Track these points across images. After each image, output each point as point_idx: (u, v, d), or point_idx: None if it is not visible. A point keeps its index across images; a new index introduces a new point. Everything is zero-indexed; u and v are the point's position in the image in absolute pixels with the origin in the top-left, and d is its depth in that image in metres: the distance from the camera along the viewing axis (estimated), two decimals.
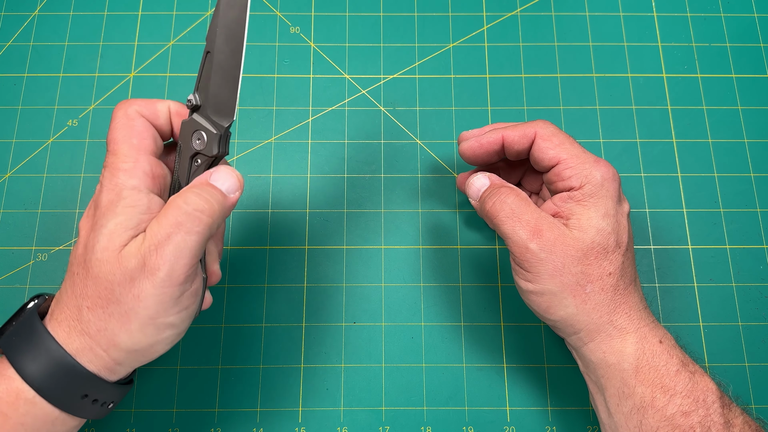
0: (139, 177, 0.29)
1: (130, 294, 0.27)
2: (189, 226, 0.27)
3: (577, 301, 0.32)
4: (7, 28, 0.49)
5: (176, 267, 0.27)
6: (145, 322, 0.27)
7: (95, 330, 0.28)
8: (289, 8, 0.50)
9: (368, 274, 0.44)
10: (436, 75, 0.49)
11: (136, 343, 0.28)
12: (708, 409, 0.30)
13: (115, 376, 0.29)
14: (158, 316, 0.27)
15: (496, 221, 0.34)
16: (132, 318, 0.27)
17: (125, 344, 0.28)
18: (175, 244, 0.27)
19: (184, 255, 0.27)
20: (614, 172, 0.34)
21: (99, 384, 0.28)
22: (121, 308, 0.27)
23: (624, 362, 0.32)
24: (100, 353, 0.28)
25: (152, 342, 0.28)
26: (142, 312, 0.27)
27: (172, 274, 0.27)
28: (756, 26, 0.50)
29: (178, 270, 0.27)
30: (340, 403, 0.41)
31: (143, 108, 0.31)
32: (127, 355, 0.28)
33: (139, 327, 0.27)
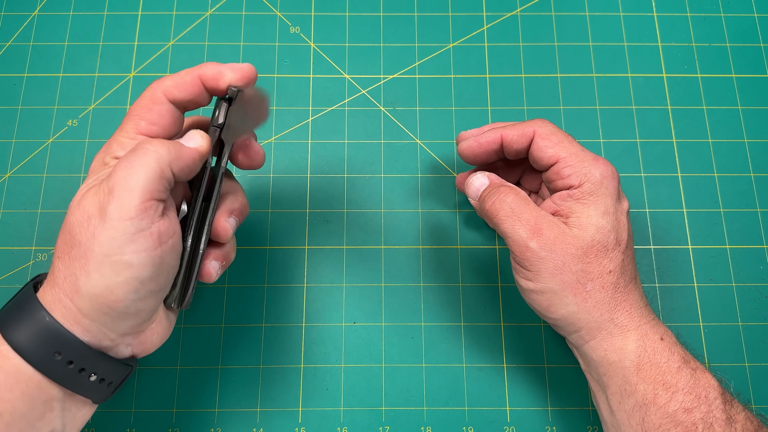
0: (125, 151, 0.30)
1: (87, 233, 0.27)
2: (137, 162, 0.28)
3: (577, 300, 0.32)
4: (7, 28, 0.49)
5: (124, 201, 0.27)
6: (100, 260, 0.27)
7: (62, 277, 0.28)
8: (289, 8, 0.51)
9: (368, 274, 0.44)
10: (436, 75, 0.49)
11: (94, 285, 0.27)
12: (710, 406, 0.30)
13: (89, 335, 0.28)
14: (112, 253, 0.27)
15: (495, 220, 0.34)
16: (89, 257, 0.27)
17: (85, 287, 0.27)
18: (124, 180, 0.27)
19: (132, 188, 0.27)
20: (613, 170, 0.34)
21: (72, 341, 0.28)
22: (80, 249, 0.27)
23: (625, 360, 0.32)
24: (67, 303, 0.28)
25: (109, 284, 0.27)
26: (97, 249, 0.27)
27: (121, 208, 0.27)
28: (756, 26, 0.50)
29: (127, 204, 0.27)
30: (340, 403, 0.41)
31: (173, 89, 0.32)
32: (89, 302, 0.27)
33: (95, 266, 0.27)
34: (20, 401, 0.27)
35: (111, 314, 0.28)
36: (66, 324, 0.28)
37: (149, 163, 0.28)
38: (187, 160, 0.30)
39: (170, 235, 0.29)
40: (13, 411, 0.27)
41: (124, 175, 0.27)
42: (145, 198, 0.27)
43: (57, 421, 0.29)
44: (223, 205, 0.34)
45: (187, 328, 0.43)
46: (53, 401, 0.28)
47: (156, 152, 0.28)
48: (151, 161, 0.28)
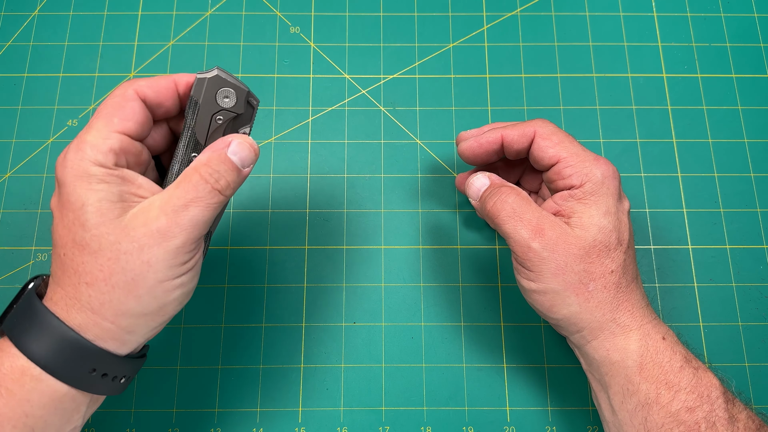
0: (105, 153, 0.28)
1: (138, 261, 0.27)
2: (207, 201, 0.29)
3: (579, 300, 0.32)
4: (7, 28, 0.49)
5: (191, 236, 0.28)
6: (154, 285, 0.28)
7: (98, 304, 0.28)
8: (289, 8, 0.51)
9: (368, 274, 0.44)
10: (436, 75, 0.49)
11: (146, 306, 0.28)
12: (712, 405, 0.30)
13: (126, 347, 0.29)
14: (167, 278, 0.28)
15: (497, 221, 0.34)
16: (140, 284, 0.27)
17: (134, 310, 0.28)
18: (193, 215, 0.28)
19: (199, 226, 0.28)
20: (614, 169, 0.34)
21: (106, 357, 0.28)
22: (127, 276, 0.27)
23: (628, 359, 0.32)
24: (107, 326, 0.28)
25: (162, 303, 0.28)
26: (152, 276, 0.27)
27: (186, 242, 0.28)
28: (756, 26, 0.50)
29: (192, 238, 0.28)
30: (340, 403, 0.41)
31: (146, 88, 0.31)
32: (137, 320, 0.28)
33: (147, 291, 0.28)
34: (53, 416, 0.28)
35: (156, 327, 0.29)
36: (101, 343, 0.28)
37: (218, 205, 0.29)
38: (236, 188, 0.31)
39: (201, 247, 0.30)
40: (45, 425, 0.28)
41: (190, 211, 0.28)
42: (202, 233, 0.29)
43: (80, 420, 0.30)
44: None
45: (187, 328, 0.43)
46: (82, 405, 0.29)
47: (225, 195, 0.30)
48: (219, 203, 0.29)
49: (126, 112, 0.30)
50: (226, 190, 0.30)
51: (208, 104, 0.31)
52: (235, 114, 0.32)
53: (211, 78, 0.31)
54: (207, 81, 0.31)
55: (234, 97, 0.31)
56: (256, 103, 0.32)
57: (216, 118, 0.32)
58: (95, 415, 0.41)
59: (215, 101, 0.31)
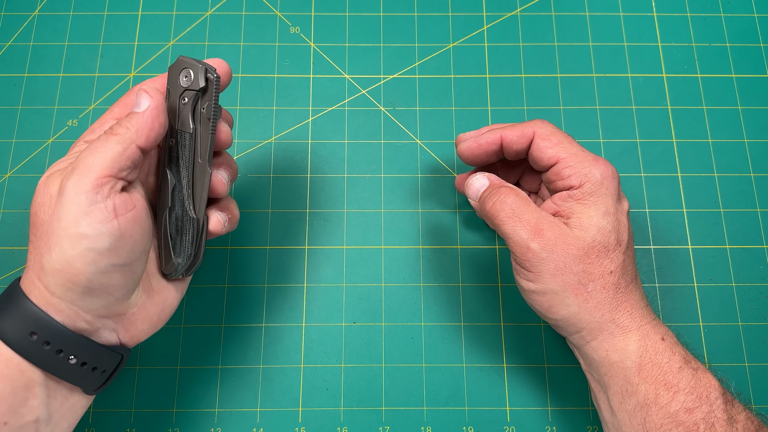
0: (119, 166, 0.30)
1: (49, 211, 0.28)
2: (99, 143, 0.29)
3: (579, 300, 0.32)
4: (7, 28, 0.49)
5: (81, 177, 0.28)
6: (59, 235, 0.27)
7: (32, 259, 0.29)
8: (289, 8, 0.51)
9: (368, 274, 0.44)
10: (436, 75, 0.49)
11: (55, 260, 0.27)
12: (711, 406, 0.30)
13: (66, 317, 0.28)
14: (69, 226, 0.27)
15: (496, 221, 0.34)
16: (50, 235, 0.28)
17: (47, 264, 0.28)
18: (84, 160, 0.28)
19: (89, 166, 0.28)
20: (613, 170, 0.34)
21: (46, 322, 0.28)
22: (44, 228, 0.28)
23: (627, 360, 0.32)
24: (38, 283, 0.28)
25: (68, 257, 0.27)
26: (56, 224, 0.27)
27: (77, 183, 0.28)
28: (756, 26, 0.50)
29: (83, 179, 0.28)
30: (340, 403, 0.41)
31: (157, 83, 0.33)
32: (53, 279, 0.28)
33: (55, 241, 0.27)
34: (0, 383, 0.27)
35: (75, 289, 0.28)
36: (40, 305, 0.28)
37: (110, 143, 0.29)
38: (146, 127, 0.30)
39: (128, 208, 0.29)
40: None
41: (85, 156, 0.29)
42: (101, 174, 0.28)
43: (41, 409, 0.29)
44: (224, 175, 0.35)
45: (187, 328, 0.43)
46: (35, 386, 0.28)
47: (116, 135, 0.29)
48: (112, 142, 0.29)
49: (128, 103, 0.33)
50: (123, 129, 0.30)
51: (174, 88, 0.33)
52: (195, 90, 0.32)
53: (173, 64, 0.33)
54: (170, 68, 0.33)
55: (191, 75, 0.32)
56: (215, 77, 0.32)
57: (181, 99, 0.33)
58: (95, 414, 0.41)
59: (179, 84, 0.32)
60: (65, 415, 0.30)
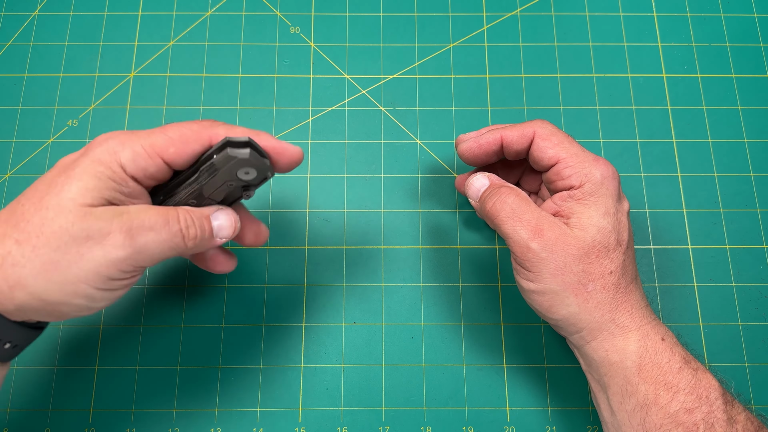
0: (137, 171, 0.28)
1: (75, 250, 0.26)
2: (167, 238, 0.28)
3: (579, 300, 0.32)
4: (7, 28, 0.49)
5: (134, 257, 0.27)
6: (70, 280, 0.26)
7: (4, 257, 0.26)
8: (289, 8, 0.51)
9: (368, 274, 0.44)
10: (436, 75, 0.49)
11: (49, 293, 0.26)
12: (711, 406, 0.30)
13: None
14: (85, 281, 0.27)
15: (496, 221, 0.34)
16: (60, 270, 0.26)
17: (33, 288, 0.26)
18: (147, 241, 0.28)
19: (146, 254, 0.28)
20: (614, 170, 0.34)
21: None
22: (56, 255, 0.26)
23: (627, 360, 0.32)
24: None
25: (62, 301, 0.27)
26: (74, 270, 0.26)
27: (123, 263, 0.27)
28: (756, 26, 0.50)
29: (129, 263, 0.27)
30: (340, 403, 0.41)
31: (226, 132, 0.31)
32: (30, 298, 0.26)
33: (60, 280, 0.26)
34: None
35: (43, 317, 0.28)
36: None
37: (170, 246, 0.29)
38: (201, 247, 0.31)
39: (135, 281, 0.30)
40: None
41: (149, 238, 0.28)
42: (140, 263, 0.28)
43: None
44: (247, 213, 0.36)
45: (187, 328, 0.43)
46: None
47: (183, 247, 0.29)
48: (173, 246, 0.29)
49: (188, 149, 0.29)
50: (190, 240, 0.30)
51: (226, 173, 0.30)
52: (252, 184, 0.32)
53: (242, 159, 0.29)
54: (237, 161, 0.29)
55: (254, 173, 0.31)
56: (271, 176, 0.32)
57: (229, 183, 0.31)
58: (95, 415, 0.41)
59: (235, 174, 0.30)
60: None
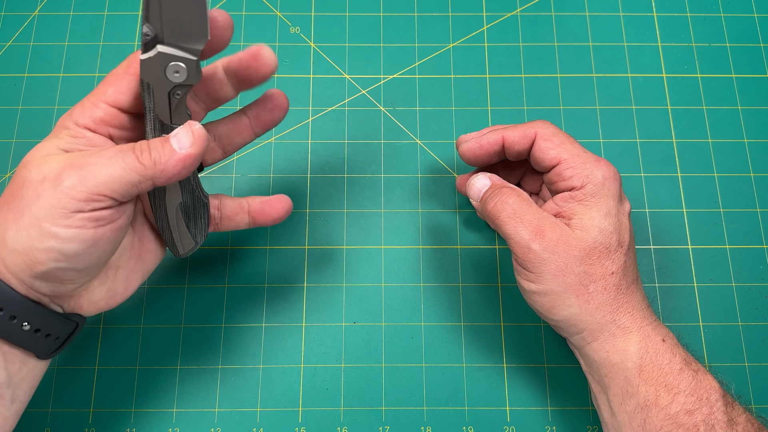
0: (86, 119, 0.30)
1: (33, 192, 0.27)
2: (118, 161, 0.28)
3: (580, 301, 0.32)
4: (7, 28, 0.49)
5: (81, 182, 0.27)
6: (32, 221, 0.27)
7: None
8: (289, 8, 0.50)
9: (368, 274, 0.44)
10: (436, 75, 0.49)
11: (19, 241, 0.27)
12: (711, 407, 0.30)
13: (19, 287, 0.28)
14: (45, 219, 0.27)
15: (497, 222, 0.34)
16: (24, 214, 0.27)
17: (10, 240, 0.27)
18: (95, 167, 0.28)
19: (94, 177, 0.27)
20: (615, 171, 0.34)
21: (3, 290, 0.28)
22: (20, 204, 0.27)
23: (627, 361, 0.32)
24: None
25: (32, 246, 0.27)
26: (34, 210, 0.27)
27: (74, 188, 0.27)
28: (756, 26, 0.50)
29: (81, 187, 0.27)
30: (340, 403, 0.41)
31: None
32: (11, 256, 0.28)
33: (26, 225, 0.27)
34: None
35: (30, 274, 0.28)
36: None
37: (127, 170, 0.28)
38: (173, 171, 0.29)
39: (110, 220, 0.29)
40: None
41: (98, 162, 0.28)
42: (100, 191, 0.27)
43: (1, 373, 0.29)
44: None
45: (187, 328, 0.43)
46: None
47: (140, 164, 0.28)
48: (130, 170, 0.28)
49: (122, 84, 0.30)
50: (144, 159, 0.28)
51: (159, 83, 0.29)
52: (191, 85, 0.30)
53: (152, 57, 0.29)
54: (143, 61, 0.29)
55: (185, 70, 0.29)
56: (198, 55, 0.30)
57: (174, 94, 0.30)
58: (95, 415, 0.41)
59: (166, 78, 0.29)
60: (24, 378, 0.31)
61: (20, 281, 0.28)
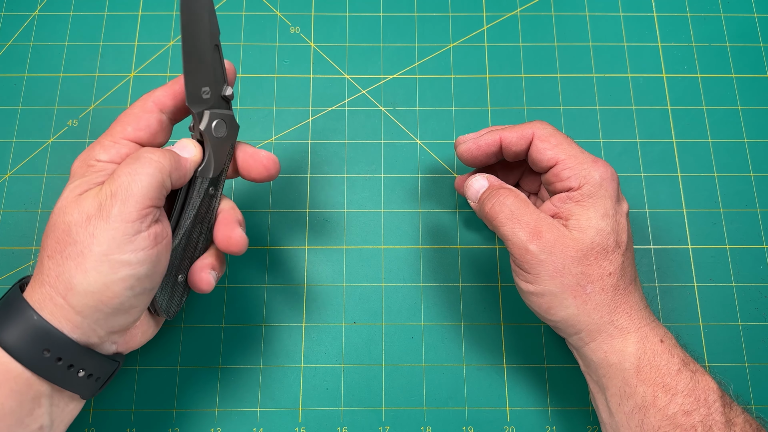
0: (112, 155, 0.32)
1: (85, 232, 0.28)
2: (139, 169, 0.29)
3: (577, 302, 0.32)
4: (7, 28, 0.49)
5: (127, 204, 0.28)
6: (99, 258, 0.28)
7: (54, 276, 0.28)
8: (289, 8, 0.50)
9: (368, 274, 0.44)
10: (436, 75, 0.49)
11: (91, 282, 0.28)
12: (709, 408, 0.31)
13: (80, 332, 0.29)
14: (111, 252, 0.28)
15: (495, 223, 0.34)
16: (87, 256, 0.28)
17: (80, 285, 0.28)
18: (127, 185, 0.29)
19: (134, 194, 0.29)
20: (612, 171, 0.34)
21: (60, 339, 0.28)
22: (77, 248, 0.28)
23: (625, 362, 0.32)
24: (59, 301, 0.28)
25: (107, 281, 0.28)
26: (96, 248, 0.28)
27: (123, 211, 0.28)
28: (756, 26, 0.50)
29: (129, 207, 0.28)
30: (340, 403, 0.41)
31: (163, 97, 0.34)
32: (84, 299, 0.28)
33: (93, 265, 0.28)
34: (9, 398, 0.28)
35: (105, 311, 0.29)
36: (55, 322, 0.28)
37: (152, 171, 0.29)
38: (183, 170, 0.32)
39: (164, 236, 0.31)
40: (2, 408, 0.27)
41: (128, 181, 0.29)
42: (145, 204, 0.29)
43: (45, 417, 0.29)
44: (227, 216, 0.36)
45: (187, 328, 0.43)
46: (42, 397, 0.29)
47: (158, 162, 0.30)
48: (154, 170, 0.30)
49: (141, 122, 0.33)
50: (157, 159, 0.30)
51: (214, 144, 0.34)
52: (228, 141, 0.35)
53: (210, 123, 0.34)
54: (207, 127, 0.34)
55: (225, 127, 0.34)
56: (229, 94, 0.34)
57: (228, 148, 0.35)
58: (95, 414, 0.41)
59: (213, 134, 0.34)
60: (64, 419, 0.31)
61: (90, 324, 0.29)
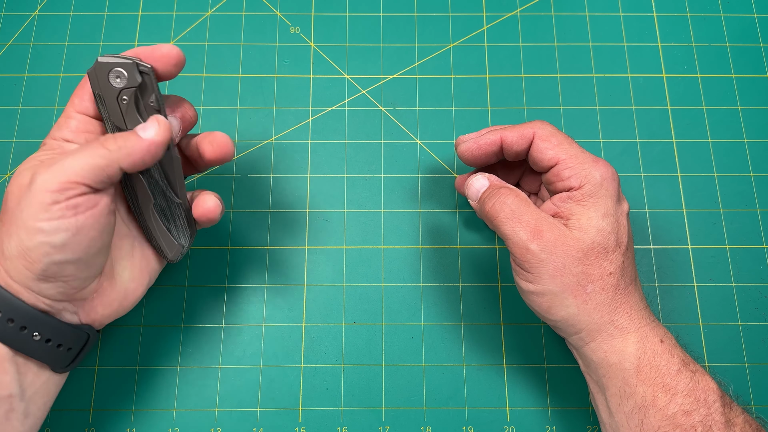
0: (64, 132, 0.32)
1: (14, 200, 0.29)
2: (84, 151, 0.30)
3: (578, 302, 0.32)
4: (7, 28, 0.49)
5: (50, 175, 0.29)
6: (19, 225, 0.29)
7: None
8: (289, 8, 0.50)
9: (368, 274, 0.44)
10: (436, 75, 0.49)
11: (13, 247, 0.29)
12: (709, 408, 0.31)
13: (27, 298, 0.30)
14: (28, 219, 0.28)
15: (496, 222, 0.34)
16: (13, 222, 0.29)
17: (7, 249, 0.29)
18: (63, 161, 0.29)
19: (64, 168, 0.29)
20: (613, 171, 0.34)
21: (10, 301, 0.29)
22: (7, 215, 0.29)
23: (625, 362, 0.32)
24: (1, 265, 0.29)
25: (24, 247, 0.29)
26: (18, 215, 0.29)
27: (45, 181, 0.29)
28: (756, 26, 0.50)
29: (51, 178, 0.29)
30: (340, 403, 0.41)
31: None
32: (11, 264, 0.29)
33: (15, 230, 0.29)
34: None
35: (30, 276, 0.29)
36: (5, 285, 0.29)
37: (91, 154, 0.30)
38: (138, 155, 0.31)
39: (89, 206, 0.30)
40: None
41: (69, 158, 0.29)
42: (71, 179, 0.29)
43: (14, 384, 0.30)
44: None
45: (187, 327, 0.43)
46: (4, 361, 0.30)
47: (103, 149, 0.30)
48: (95, 155, 0.30)
49: (84, 94, 0.33)
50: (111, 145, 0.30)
51: (107, 91, 0.32)
52: (133, 87, 0.32)
53: (94, 68, 0.32)
54: (93, 72, 0.32)
55: (124, 75, 0.32)
56: (149, 68, 0.32)
57: (121, 99, 0.32)
58: (95, 414, 0.41)
59: (111, 85, 0.32)
60: (39, 391, 0.31)
61: (28, 290, 0.30)
